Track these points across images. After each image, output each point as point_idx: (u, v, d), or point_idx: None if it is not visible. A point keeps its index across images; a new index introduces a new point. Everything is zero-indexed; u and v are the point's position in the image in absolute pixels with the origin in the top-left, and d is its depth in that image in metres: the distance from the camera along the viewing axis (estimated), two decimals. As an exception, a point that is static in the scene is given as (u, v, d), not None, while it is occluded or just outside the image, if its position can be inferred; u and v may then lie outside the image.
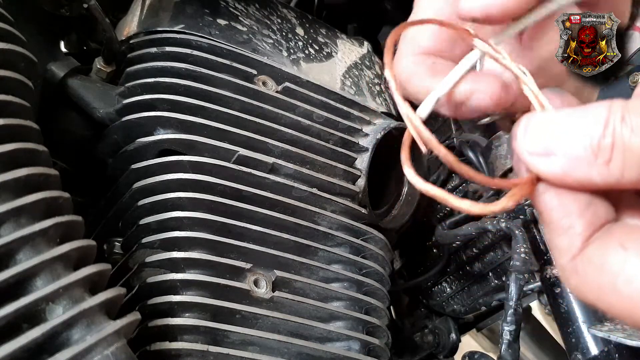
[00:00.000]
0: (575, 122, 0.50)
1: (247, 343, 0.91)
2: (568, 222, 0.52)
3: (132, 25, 1.14)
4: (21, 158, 0.76)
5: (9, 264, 0.70)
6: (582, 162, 0.49)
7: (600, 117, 0.48)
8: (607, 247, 0.50)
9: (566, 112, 0.51)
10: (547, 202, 0.53)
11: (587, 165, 0.49)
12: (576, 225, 0.52)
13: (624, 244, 0.49)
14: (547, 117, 0.52)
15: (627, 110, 0.48)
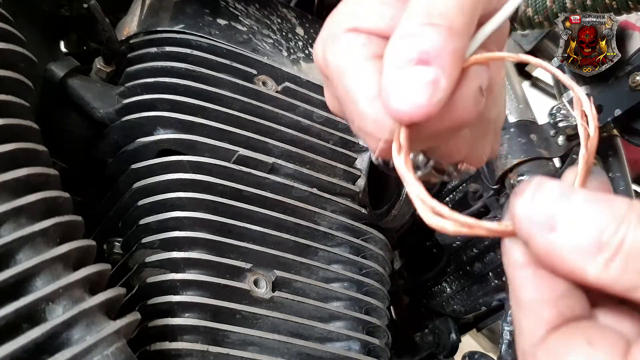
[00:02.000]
0: (590, 208, 0.46)
1: (247, 343, 0.91)
2: (538, 307, 0.49)
3: (132, 25, 1.14)
4: (21, 158, 0.76)
5: (9, 264, 0.70)
6: (582, 251, 0.46)
7: (618, 212, 0.45)
8: (573, 341, 0.47)
9: (584, 194, 0.47)
10: (522, 279, 0.51)
11: (586, 256, 0.46)
12: (545, 312, 0.49)
13: (592, 341, 0.47)
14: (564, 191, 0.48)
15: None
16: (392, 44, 0.57)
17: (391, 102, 0.55)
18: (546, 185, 0.48)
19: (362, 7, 0.63)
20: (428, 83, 0.54)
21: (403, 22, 0.57)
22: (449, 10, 0.56)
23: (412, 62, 0.55)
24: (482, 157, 0.74)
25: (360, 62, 0.61)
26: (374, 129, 0.61)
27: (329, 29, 0.65)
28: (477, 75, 0.59)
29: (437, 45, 0.55)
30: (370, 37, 0.62)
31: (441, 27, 0.55)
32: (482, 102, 0.60)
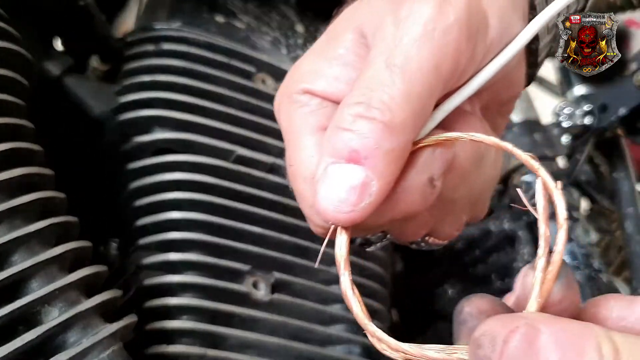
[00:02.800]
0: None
1: (245, 346, 0.90)
2: None
3: (128, 23, 1.13)
4: (16, 157, 0.75)
5: (4, 266, 0.69)
6: None
7: None
8: None
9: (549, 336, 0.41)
10: None
11: None
12: None
13: None
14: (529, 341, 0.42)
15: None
16: (328, 131, 0.54)
17: (318, 202, 0.52)
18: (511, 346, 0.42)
19: (321, 65, 0.60)
20: (356, 186, 0.51)
21: (341, 107, 0.54)
22: (392, 100, 0.52)
23: (342, 158, 0.52)
24: (452, 233, 0.69)
25: (306, 134, 0.58)
26: (309, 214, 0.58)
27: (287, 84, 0.62)
28: (427, 165, 0.56)
29: (369, 145, 0.51)
30: (323, 102, 0.59)
31: (377, 122, 0.51)
32: (432, 193, 0.57)
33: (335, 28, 0.62)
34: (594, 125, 1.24)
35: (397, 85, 0.52)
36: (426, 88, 0.53)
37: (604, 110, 1.22)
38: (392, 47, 0.53)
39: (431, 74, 0.53)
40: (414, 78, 0.52)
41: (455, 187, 0.62)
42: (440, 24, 0.53)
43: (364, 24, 0.59)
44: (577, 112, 1.26)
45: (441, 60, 0.53)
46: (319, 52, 0.61)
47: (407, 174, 0.55)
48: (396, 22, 0.54)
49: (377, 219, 0.55)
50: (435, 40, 0.53)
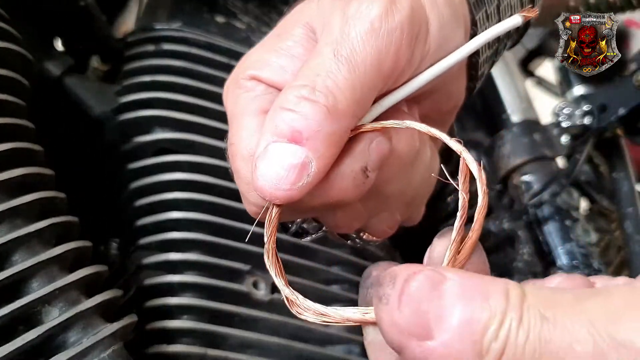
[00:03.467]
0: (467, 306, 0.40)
1: (245, 346, 0.90)
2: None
3: (129, 23, 1.13)
4: (17, 158, 0.75)
5: (5, 266, 0.69)
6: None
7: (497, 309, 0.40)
8: None
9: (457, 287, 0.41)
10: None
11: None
12: None
13: None
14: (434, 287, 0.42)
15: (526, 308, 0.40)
16: (271, 112, 0.56)
17: (256, 177, 0.54)
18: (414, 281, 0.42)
19: (269, 55, 0.63)
20: (296, 165, 0.53)
21: (285, 89, 0.56)
22: (336, 86, 0.55)
23: (284, 137, 0.53)
24: (385, 230, 0.70)
25: (248, 115, 0.60)
26: (245, 191, 0.60)
27: (236, 71, 0.65)
28: (361, 154, 0.57)
29: (311, 126, 0.53)
30: (268, 89, 0.61)
31: (320, 105, 0.53)
32: (365, 183, 0.58)
33: (285, 23, 0.65)
34: (593, 125, 1.24)
35: (343, 73, 0.55)
36: (368, 80, 0.56)
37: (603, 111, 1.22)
38: (340, 39, 0.56)
39: (374, 68, 0.56)
40: (359, 69, 0.55)
41: (389, 181, 0.64)
42: (386, 25, 0.56)
43: (313, 19, 0.62)
44: (576, 112, 1.26)
45: (383, 58, 0.56)
46: (268, 44, 0.64)
47: (342, 160, 0.57)
48: (344, 17, 0.57)
49: (310, 201, 0.57)
50: (379, 38, 0.56)
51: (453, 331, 0.40)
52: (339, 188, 0.57)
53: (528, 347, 0.39)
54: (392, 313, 0.42)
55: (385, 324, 0.43)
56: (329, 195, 0.57)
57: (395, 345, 0.43)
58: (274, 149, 0.53)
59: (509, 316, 0.40)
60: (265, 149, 0.54)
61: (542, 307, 0.40)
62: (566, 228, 1.23)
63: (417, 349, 0.41)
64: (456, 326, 0.40)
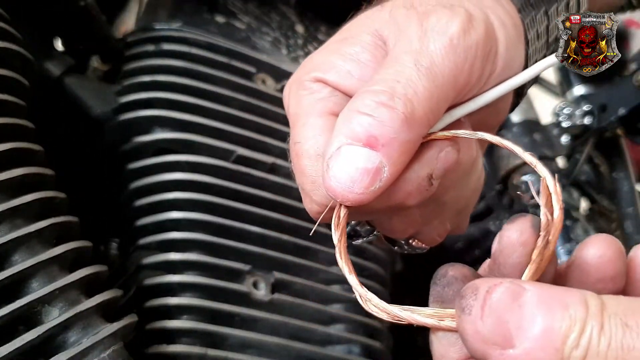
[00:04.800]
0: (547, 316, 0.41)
1: (246, 346, 0.90)
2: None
3: (129, 23, 1.13)
4: (17, 157, 0.75)
5: (4, 266, 0.69)
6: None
7: (577, 317, 0.40)
8: None
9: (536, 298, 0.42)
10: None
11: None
12: None
13: None
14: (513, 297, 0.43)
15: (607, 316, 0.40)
16: (346, 113, 0.56)
17: (328, 178, 0.54)
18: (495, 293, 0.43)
19: (335, 59, 0.62)
20: (370, 170, 0.53)
21: (362, 93, 0.56)
22: (415, 95, 0.55)
23: (359, 141, 0.53)
24: (435, 238, 0.71)
25: (315, 115, 0.60)
26: (310, 190, 0.60)
27: (299, 72, 0.64)
28: (430, 162, 0.58)
29: (389, 132, 0.53)
30: (334, 92, 0.62)
31: (399, 113, 0.54)
32: (428, 190, 0.59)
33: (351, 29, 0.65)
34: (593, 125, 1.24)
35: (423, 82, 0.55)
36: (444, 92, 0.57)
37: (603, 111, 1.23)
38: (419, 50, 0.57)
39: (450, 81, 0.57)
40: (437, 80, 0.56)
41: (448, 189, 0.65)
42: (464, 42, 0.58)
43: (383, 28, 0.62)
44: (576, 112, 1.26)
45: (459, 73, 0.57)
46: (333, 48, 0.64)
47: (410, 166, 0.57)
48: (422, 29, 0.58)
49: (373, 204, 0.56)
50: (457, 54, 0.57)
51: (534, 339, 0.41)
52: (404, 193, 0.58)
53: (610, 355, 0.39)
54: (475, 323, 0.43)
55: (469, 334, 0.44)
56: (392, 199, 0.58)
57: (478, 353, 0.44)
58: (349, 151, 0.54)
59: (590, 324, 0.40)
60: (339, 150, 0.54)
61: (623, 315, 0.40)
62: (566, 228, 1.23)
63: (500, 357, 0.42)
64: (537, 335, 0.41)
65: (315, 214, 0.61)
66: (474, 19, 0.59)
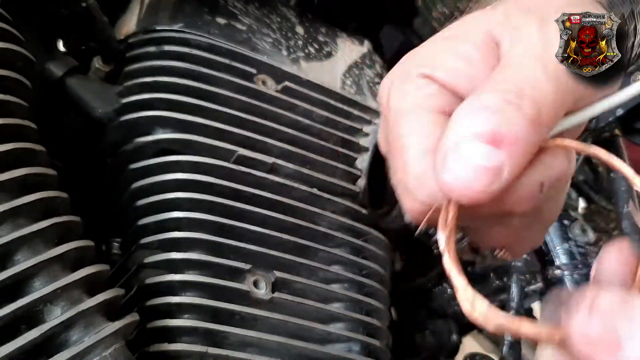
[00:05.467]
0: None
1: (246, 344, 0.91)
2: None
3: (130, 24, 1.13)
4: (19, 158, 0.76)
5: (7, 265, 0.70)
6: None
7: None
8: None
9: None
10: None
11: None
12: None
13: None
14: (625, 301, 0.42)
15: None
16: (467, 108, 0.54)
17: (445, 173, 0.52)
18: (603, 297, 0.43)
19: (444, 56, 0.60)
20: (491, 168, 0.51)
21: (487, 90, 0.54)
22: (543, 95, 0.54)
23: (482, 137, 0.51)
24: (525, 250, 0.70)
25: (423, 111, 0.58)
26: (415, 187, 0.57)
27: (403, 66, 0.62)
28: (544, 169, 0.56)
29: (516, 132, 0.51)
30: (442, 89, 0.59)
31: (526, 113, 0.52)
32: (538, 198, 0.57)
33: (462, 26, 0.63)
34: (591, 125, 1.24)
35: (550, 87, 0.54)
36: (566, 99, 0.56)
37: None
38: (543, 55, 0.55)
39: (571, 89, 0.56)
40: (561, 86, 0.55)
41: (548, 200, 0.63)
42: None
43: (497, 29, 0.60)
44: None
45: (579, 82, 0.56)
46: (442, 44, 0.62)
47: (525, 172, 0.55)
48: (545, 34, 0.57)
49: (482, 209, 0.55)
50: None
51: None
52: (516, 198, 0.55)
53: None
54: (582, 324, 0.43)
55: (576, 335, 0.43)
56: (503, 204, 0.55)
57: (584, 355, 0.43)
58: (469, 146, 0.51)
59: None
60: (457, 144, 0.52)
61: None
62: (564, 227, 1.23)
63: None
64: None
65: (417, 214, 0.59)
66: None
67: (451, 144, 0.52)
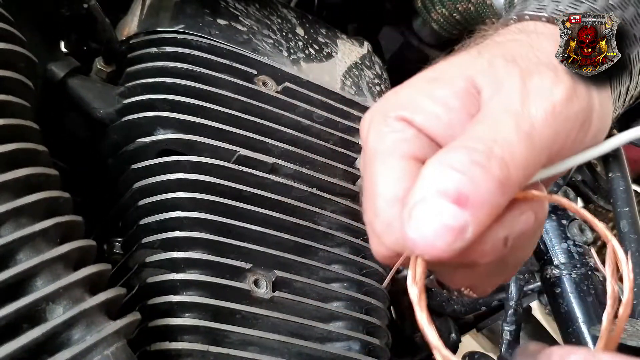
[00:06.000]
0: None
1: (247, 343, 0.91)
2: None
3: (132, 25, 1.14)
4: (21, 158, 0.76)
5: (9, 264, 0.70)
6: None
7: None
8: None
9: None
10: None
11: None
12: None
13: None
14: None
15: None
16: (436, 164, 0.53)
17: (410, 228, 0.52)
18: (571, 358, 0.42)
19: (423, 100, 0.60)
20: (455, 227, 0.51)
21: (456, 147, 0.54)
22: (513, 156, 0.53)
23: (448, 196, 0.51)
24: (489, 290, 0.69)
25: (396, 157, 0.58)
26: (382, 232, 0.57)
27: (384, 106, 0.62)
28: (510, 224, 0.56)
29: (482, 194, 0.51)
30: (419, 134, 0.59)
31: (494, 177, 0.52)
32: (502, 252, 0.57)
33: (443, 69, 0.62)
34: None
35: (521, 147, 0.53)
36: (539, 158, 0.55)
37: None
38: (521, 112, 0.55)
39: (546, 148, 0.55)
40: (535, 147, 0.54)
41: (515, 251, 0.62)
42: (566, 111, 0.56)
43: (479, 76, 0.59)
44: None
45: (556, 141, 0.56)
46: (422, 87, 0.61)
47: (490, 227, 0.55)
48: (525, 89, 0.56)
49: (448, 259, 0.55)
50: (557, 122, 0.55)
51: None
52: (478, 252, 0.55)
53: None
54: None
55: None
56: (466, 257, 0.55)
57: None
58: (435, 204, 0.51)
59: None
60: (424, 200, 0.52)
61: None
62: (563, 227, 1.24)
63: None
64: None
65: (383, 258, 0.59)
66: (577, 87, 0.57)
67: (418, 198, 0.52)
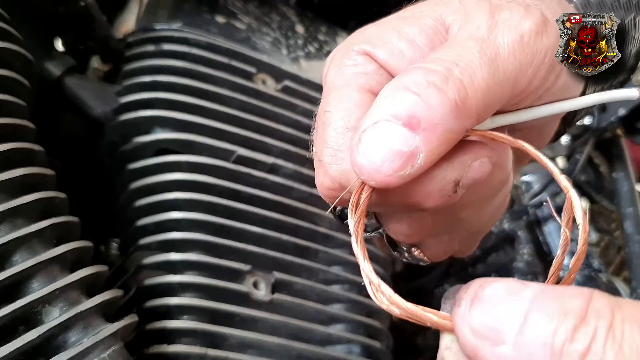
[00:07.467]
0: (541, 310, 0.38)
1: (246, 346, 0.90)
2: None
3: (129, 23, 1.13)
4: (17, 158, 0.75)
5: (5, 266, 0.69)
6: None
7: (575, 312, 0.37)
8: None
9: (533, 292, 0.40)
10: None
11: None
12: None
13: None
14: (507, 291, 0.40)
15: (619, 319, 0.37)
16: (391, 87, 0.52)
17: (357, 152, 0.50)
18: (487, 290, 0.41)
19: (388, 36, 0.59)
20: (405, 152, 0.49)
21: (413, 69, 0.52)
22: (472, 82, 0.51)
23: (400, 119, 0.49)
24: (439, 253, 0.67)
25: (353, 88, 0.57)
26: (328, 162, 0.56)
27: (349, 41, 0.61)
28: (461, 167, 0.54)
29: (434, 117, 0.49)
30: (380, 70, 0.58)
31: (449, 99, 0.50)
32: (451, 197, 0.55)
33: (414, 9, 0.61)
34: (593, 125, 1.24)
35: (483, 72, 0.52)
36: (501, 90, 0.53)
37: (603, 111, 1.22)
38: (486, 38, 0.53)
39: (510, 81, 0.53)
40: (498, 74, 0.52)
41: (467, 206, 0.61)
42: (534, 43, 0.54)
43: (448, 14, 0.58)
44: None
45: (521, 75, 0.54)
46: (390, 24, 0.60)
47: (439, 165, 0.53)
48: (493, 20, 0.55)
49: (391, 197, 0.54)
50: (524, 53, 0.54)
51: (522, 333, 0.38)
52: (425, 192, 0.54)
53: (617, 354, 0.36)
54: (464, 316, 0.41)
55: (459, 327, 0.41)
56: (411, 196, 0.54)
57: (468, 349, 0.41)
58: (385, 128, 0.49)
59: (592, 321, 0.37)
60: (375, 125, 0.50)
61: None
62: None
63: (490, 353, 0.40)
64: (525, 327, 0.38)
65: (325, 190, 0.58)
66: (548, 23, 0.56)
67: (369, 123, 0.50)
